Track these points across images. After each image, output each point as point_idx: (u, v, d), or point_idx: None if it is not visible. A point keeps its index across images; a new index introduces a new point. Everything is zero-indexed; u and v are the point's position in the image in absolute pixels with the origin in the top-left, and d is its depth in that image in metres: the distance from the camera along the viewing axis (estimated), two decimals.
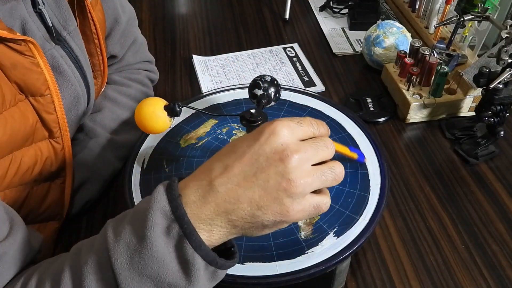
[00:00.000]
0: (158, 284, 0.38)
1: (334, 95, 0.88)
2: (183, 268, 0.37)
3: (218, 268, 0.39)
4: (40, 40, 0.53)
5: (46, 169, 0.56)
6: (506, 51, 0.66)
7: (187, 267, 0.37)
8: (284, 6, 1.10)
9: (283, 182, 0.37)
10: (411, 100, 0.80)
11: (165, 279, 0.37)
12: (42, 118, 0.53)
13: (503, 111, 0.71)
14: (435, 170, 0.74)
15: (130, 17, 0.76)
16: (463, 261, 0.61)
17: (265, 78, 0.57)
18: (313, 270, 0.49)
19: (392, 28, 0.89)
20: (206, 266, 0.38)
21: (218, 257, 0.38)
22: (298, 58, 0.97)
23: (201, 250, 0.37)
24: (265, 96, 0.56)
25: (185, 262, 0.37)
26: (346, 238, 0.52)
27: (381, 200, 0.56)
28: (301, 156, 0.38)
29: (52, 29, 0.55)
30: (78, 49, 0.59)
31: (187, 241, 0.36)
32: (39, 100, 0.51)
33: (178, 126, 0.67)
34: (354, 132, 0.66)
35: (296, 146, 0.39)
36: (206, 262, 0.37)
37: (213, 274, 0.39)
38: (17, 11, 0.50)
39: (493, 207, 0.68)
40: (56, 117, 0.54)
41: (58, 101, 0.53)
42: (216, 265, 0.38)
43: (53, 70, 0.54)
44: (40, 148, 0.54)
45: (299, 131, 0.40)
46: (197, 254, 0.37)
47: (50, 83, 0.52)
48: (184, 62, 0.97)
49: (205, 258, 0.37)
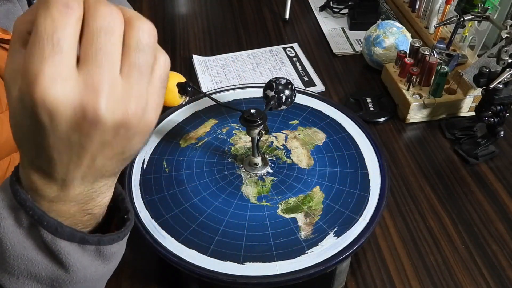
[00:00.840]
0: (40, 281, 0.34)
1: (334, 95, 0.88)
2: (50, 258, 0.33)
3: (99, 245, 0.34)
4: None
5: None
6: (506, 51, 0.66)
7: (54, 255, 0.33)
8: (284, 6, 1.09)
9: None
10: (411, 100, 0.80)
11: (41, 274, 0.33)
12: None
13: (503, 111, 0.71)
14: (435, 170, 0.74)
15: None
16: (463, 261, 0.61)
17: (280, 81, 0.56)
18: (313, 270, 0.49)
19: (392, 28, 0.89)
20: (80, 247, 0.33)
21: (89, 234, 0.33)
22: (298, 58, 0.97)
23: (61, 232, 0.32)
24: (276, 99, 0.56)
25: (49, 251, 0.32)
26: (346, 238, 0.52)
27: (381, 200, 0.56)
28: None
29: None
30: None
31: (40, 227, 0.31)
32: None
33: (178, 126, 0.67)
34: (354, 132, 0.66)
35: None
36: (76, 243, 0.32)
37: (98, 253, 0.34)
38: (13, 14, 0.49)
39: (493, 207, 0.68)
40: None
41: None
42: (91, 243, 0.33)
43: None
44: None
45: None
46: (58, 238, 0.32)
47: None
48: (184, 62, 0.97)
49: (70, 239, 0.32)
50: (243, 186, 0.59)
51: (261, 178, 0.60)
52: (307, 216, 0.55)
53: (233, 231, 0.54)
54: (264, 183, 0.59)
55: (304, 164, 0.61)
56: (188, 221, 0.55)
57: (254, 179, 0.60)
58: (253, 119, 0.53)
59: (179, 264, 0.51)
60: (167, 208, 0.56)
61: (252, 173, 0.60)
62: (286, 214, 0.55)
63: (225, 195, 0.58)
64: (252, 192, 0.58)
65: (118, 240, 0.35)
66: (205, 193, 0.58)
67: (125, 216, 0.37)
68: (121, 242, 0.36)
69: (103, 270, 0.36)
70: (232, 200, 0.57)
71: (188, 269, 0.50)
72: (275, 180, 0.59)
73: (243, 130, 0.65)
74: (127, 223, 0.36)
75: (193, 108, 0.70)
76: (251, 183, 0.59)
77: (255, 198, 0.57)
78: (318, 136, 0.65)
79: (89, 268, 0.34)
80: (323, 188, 0.58)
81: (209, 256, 0.51)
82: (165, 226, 0.54)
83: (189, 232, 0.53)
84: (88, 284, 0.36)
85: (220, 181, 0.59)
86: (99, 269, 0.35)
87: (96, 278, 0.36)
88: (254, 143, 0.58)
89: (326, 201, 0.57)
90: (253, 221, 0.55)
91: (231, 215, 0.55)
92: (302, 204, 0.56)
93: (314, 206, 0.56)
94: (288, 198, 0.57)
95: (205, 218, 0.55)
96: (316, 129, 0.66)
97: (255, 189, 0.58)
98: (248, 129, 0.55)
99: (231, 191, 0.58)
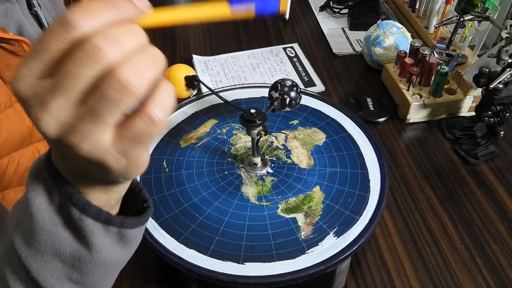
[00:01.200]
0: (62, 259, 0.35)
1: (334, 95, 0.88)
2: (76, 235, 0.34)
3: (121, 227, 0.35)
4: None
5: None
6: (506, 51, 0.66)
7: (80, 232, 0.33)
8: None
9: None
10: (411, 100, 0.80)
11: (65, 251, 0.34)
12: None
13: (503, 111, 0.71)
14: (435, 170, 0.74)
15: None
16: (463, 261, 0.61)
17: (285, 83, 0.56)
18: (313, 270, 0.49)
19: (392, 28, 0.89)
20: (104, 227, 0.34)
21: (114, 216, 0.34)
22: (298, 58, 0.97)
23: (88, 210, 0.33)
24: (280, 100, 0.55)
25: (76, 228, 0.33)
26: (346, 238, 0.52)
27: (381, 200, 0.56)
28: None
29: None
30: None
31: (70, 204, 0.33)
32: None
33: (178, 126, 0.67)
34: (354, 132, 0.66)
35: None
36: (101, 223, 0.34)
37: (120, 236, 0.35)
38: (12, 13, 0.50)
39: (493, 207, 0.68)
40: None
41: None
42: (114, 224, 0.34)
43: None
44: (38, 148, 0.54)
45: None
46: (85, 216, 0.33)
47: None
48: (184, 62, 0.96)
49: (96, 219, 0.33)
50: (243, 186, 0.59)
51: (261, 178, 0.60)
52: (307, 216, 0.55)
53: (233, 231, 0.54)
54: (264, 183, 0.59)
55: (304, 164, 0.61)
56: (188, 221, 0.55)
57: (254, 179, 0.60)
58: (252, 119, 0.53)
59: (179, 264, 0.51)
60: (167, 208, 0.56)
61: (252, 173, 0.60)
62: (286, 214, 0.55)
63: (225, 195, 0.58)
64: (252, 192, 0.58)
65: (139, 224, 0.36)
66: (205, 193, 0.58)
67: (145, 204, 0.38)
68: (141, 228, 0.37)
69: (122, 255, 0.37)
70: (232, 200, 0.57)
71: (188, 269, 0.50)
72: (275, 180, 0.59)
73: (243, 130, 0.65)
74: (148, 210, 0.37)
75: (193, 108, 0.70)
76: (251, 183, 0.59)
77: (255, 198, 0.57)
78: (318, 136, 0.65)
79: (110, 250, 0.35)
80: (323, 188, 0.58)
81: (209, 256, 0.51)
82: (165, 226, 0.54)
83: (189, 232, 0.53)
84: (105, 268, 0.37)
85: (220, 181, 0.59)
86: (118, 253, 0.36)
87: (114, 262, 0.37)
88: (254, 143, 0.58)
89: (326, 201, 0.57)
90: (253, 221, 0.55)
91: (231, 215, 0.55)
92: (302, 204, 0.56)
93: (314, 206, 0.56)
94: (288, 198, 0.57)
95: (205, 218, 0.55)
96: (316, 129, 0.66)
97: (255, 189, 0.58)
98: (248, 129, 0.55)
99: (231, 191, 0.58)
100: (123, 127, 0.27)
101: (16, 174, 0.51)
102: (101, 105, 0.25)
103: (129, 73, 0.25)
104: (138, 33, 0.26)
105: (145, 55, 0.26)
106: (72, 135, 0.26)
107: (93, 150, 0.27)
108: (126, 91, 0.25)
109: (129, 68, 0.25)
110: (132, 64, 0.25)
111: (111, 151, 0.27)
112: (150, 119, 0.26)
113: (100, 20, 0.25)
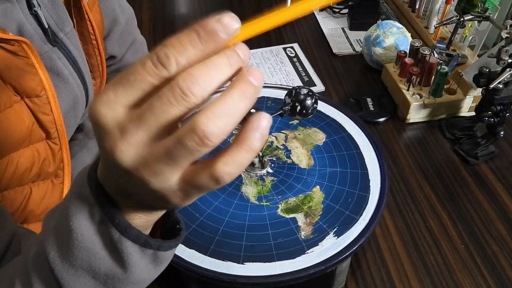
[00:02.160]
0: (95, 276, 0.35)
1: (334, 95, 0.88)
2: (114, 255, 0.34)
3: (157, 250, 0.35)
4: (38, 42, 0.53)
5: (44, 170, 0.56)
6: (506, 51, 0.66)
7: (118, 253, 0.34)
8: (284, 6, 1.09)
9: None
10: (411, 100, 0.80)
11: (100, 269, 0.34)
12: (38, 119, 0.52)
13: (503, 111, 0.71)
14: (435, 170, 0.74)
15: (129, 17, 0.76)
16: (463, 261, 0.61)
17: (301, 91, 0.54)
18: (313, 270, 0.49)
19: (392, 28, 0.89)
20: (141, 249, 0.34)
21: (152, 239, 0.34)
22: (298, 58, 0.97)
23: (129, 233, 0.33)
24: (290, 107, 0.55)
25: (114, 249, 0.34)
26: (346, 238, 0.52)
27: (381, 200, 0.56)
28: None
29: (49, 30, 0.54)
30: (75, 51, 0.59)
31: (111, 225, 0.33)
32: (35, 101, 0.51)
33: None
34: (354, 132, 0.66)
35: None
36: (139, 245, 0.34)
37: (154, 257, 0.36)
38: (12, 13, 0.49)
39: (493, 207, 0.68)
40: (52, 118, 0.54)
41: (55, 102, 0.53)
42: (152, 247, 0.34)
43: (51, 72, 0.53)
44: (37, 149, 0.54)
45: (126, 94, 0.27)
46: (125, 238, 0.33)
47: (45, 83, 0.51)
48: None
49: (135, 241, 0.33)
50: (243, 186, 0.59)
51: (261, 178, 0.60)
52: (307, 216, 0.55)
53: (233, 231, 0.54)
54: (264, 183, 0.59)
55: (304, 164, 0.61)
56: (188, 221, 0.55)
57: (254, 179, 0.60)
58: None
59: (179, 264, 0.51)
60: None
61: (252, 173, 0.60)
62: (286, 214, 0.55)
63: (225, 195, 0.58)
64: (252, 192, 0.58)
65: (174, 247, 0.37)
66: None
67: (177, 226, 0.39)
68: (174, 249, 0.38)
69: (152, 274, 0.38)
70: (232, 200, 0.57)
71: (188, 269, 0.50)
72: (275, 180, 0.59)
73: None
74: (181, 232, 0.38)
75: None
76: (251, 183, 0.59)
77: (255, 198, 0.57)
78: (318, 136, 0.65)
79: (144, 271, 0.36)
80: (323, 188, 0.58)
81: (209, 256, 0.51)
82: None
83: (189, 232, 0.53)
84: (136, 286, 0.37)
85: None
86: (150, 273, 0.37)
87: (145, 280, 0.38)
88: None
89: (326, 201, 0.57)
90: (253, 221, 0.55)
91: (231, 215, 0.55)
92: (302, 204, 0.56)
93: (314, 206, 0.56)
94: (288, 198, 0.57)
95: (205, 218, 0.55)
96: (316, 129, 0.66)
97: (255, 189, 0.58)
98: None
99: (231, 191, 0.58)
100: (191, 172, 0.28)
101: (15, 175, 0.51)
102: (178, 151, 0.26)
103: (211, 128, 0.26)
104: (226, 68, 0.27)
105: (233, 99, 0.27)
106: (145, 170, 0.28)
107: (160, 187, 0.28)
108: (204, 144, 0.26)
109: (212, 121, 0.26)
110: (214, 115, 0.26)
111: (176, 190, 0.29)
112: (215, 180, 0.28)
113: (191, 55, 0.26)
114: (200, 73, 0.26)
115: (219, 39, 0.26)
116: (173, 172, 0.28)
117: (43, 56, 0.52)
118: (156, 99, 0.26)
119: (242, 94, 0.27)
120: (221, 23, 0.26)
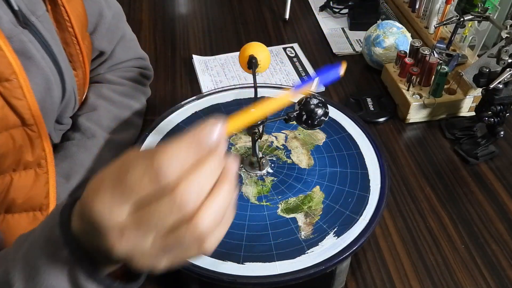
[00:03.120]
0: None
1: (334, 95, 0.88)
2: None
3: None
4: (8, 24, 0.51)
5: (24, 158, 0.54)
6: (506, 51, 0.66)
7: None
8: (284, 6, 1.09)
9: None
10: (411, 100, 0.80)
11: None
12: (11, 104, 0.51)
13: (503, 111, 0.71)
14: (435, 170, 0.74)
15: (116, 12, 0.75)
16: (463, 261, 0.61)
17: (311, 101, 0.54)
18: (313, 270, 0.49)
19: (392, 28, 0.89)
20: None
21: (116, 282, 0.36)
22: (298, 58, 0.97)
23: (94, 278, 0.35)
24: (297, 115, 0.54)
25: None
26: (346, 238, 0.52)
27: (381, 200, 0.56)
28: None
29: (19, 13, 0.53)
30: (48, 35, 0.57)
31: (78, 268, 0.34)
32: (5, 85, 0.49)
33: (178, 126, 0.67)
34: (354, 132, 0.66)
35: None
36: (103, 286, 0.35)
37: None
38: None
39: (493, 207, 0.68)
40: (26, 103, 0.52)
41: (26, 86, 0.51)
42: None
43: (21, 55, 0.52)
44: (13, 135, 0.52)
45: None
46: (90, 282, 0.35)
47: (15, 66, 0.50)
48: (184, 62, 0.97)
49: (100, 284, 0.35)
50: (243, 186, 0.59)
51: (261, 178, 0.60)
52: (307, 216, 0.55)
53: (233, 231, 0.54)
54: (264, 183, 0.59)
55: (304, 164, 0.61)
56: None
57: (254, 179, 0.60)
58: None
59: None
60: None
61: (252, 173, 0.60)
62: (286, 214, 0.55)
63: None
64: (252, 192, 0.58)
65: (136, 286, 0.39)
66: None
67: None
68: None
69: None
70: None
71: (188, 269, 0.50)
72: (275, 180, 0.59)
73: (244, 130, 0.65)
74: (140, 275, 0.40)
75: (193, 108, 0.70)
76: (251, 183, 0.59)
77: (255, 198, 0.57)
78: (318, 136, 0.65)
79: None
80: (323, 188, 0.58)
81: (209, 256, 0.51)
82: None
83: None
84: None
85: None
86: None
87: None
88: (253, 143, 0.58)
89: (326, 201, 0.57)
90: (253, 221, 0.55)
91: None
92: (302, 204, 0.56)
93: (314, 206, 0.56)
94: (288, 198, 0.57)
95: None
96: (316, 129, 0.66)
97: (255, 189, 0.58)
98: (248, 130, 0.55)
99: None
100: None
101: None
102: (175, 247, 0.30)
103: (207, 225, 0.30)
104: (216, 172, 0.31)
105: (223, 196, 0.31)
106: (140, 260, 0.31)
107: (149, 269, 0.32)
108: (201, 240, 0.31)
109: (208, 218, 0.30)
110: (210, 213, 0.30)
111: (162, 267, 0.32)
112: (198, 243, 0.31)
113: (185, 164, 0.30)
114: (194, 178, 0.30)
115: (207, 146, 0.31)
116: (165, 259, 0.32)
117: (12, 39, 0.51)
118: (156, 206, 0.29)
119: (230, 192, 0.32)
120: (211, 135, 0.31)
